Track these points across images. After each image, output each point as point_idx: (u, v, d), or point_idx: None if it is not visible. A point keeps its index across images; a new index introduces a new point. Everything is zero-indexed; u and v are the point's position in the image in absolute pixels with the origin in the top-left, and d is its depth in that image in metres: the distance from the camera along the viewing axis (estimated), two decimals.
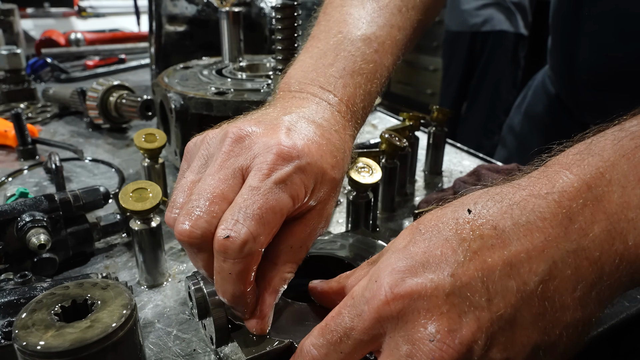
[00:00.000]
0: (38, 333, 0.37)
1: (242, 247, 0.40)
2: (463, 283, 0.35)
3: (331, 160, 0.48)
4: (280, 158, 0.44)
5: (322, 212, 0.48)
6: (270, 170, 0.43)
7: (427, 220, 0.39)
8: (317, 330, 0.40)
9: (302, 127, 0.48)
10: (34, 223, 0.62)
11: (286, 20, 0.81)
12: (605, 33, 0.93)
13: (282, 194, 0.43)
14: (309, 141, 0.46)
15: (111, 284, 0.43)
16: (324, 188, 0.47)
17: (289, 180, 0.43)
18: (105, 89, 1.13)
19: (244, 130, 0.46)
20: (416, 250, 0.37)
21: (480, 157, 1.07)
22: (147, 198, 0.60)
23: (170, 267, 0.68)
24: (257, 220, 0.41)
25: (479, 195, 0.39)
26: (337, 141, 0.51)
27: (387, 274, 0.37)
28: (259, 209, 0.41)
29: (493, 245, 0.35)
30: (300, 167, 0.44)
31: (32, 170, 0.97)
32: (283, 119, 0.48)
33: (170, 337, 0.55)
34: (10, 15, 1.74)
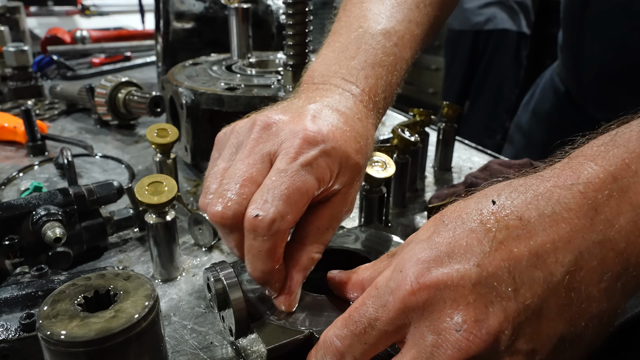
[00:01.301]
0: (62, 323, 0.37)
1: (271, 225, 0.43)
2: (489, 273, 0.35)
3: (355, 146, 0.50)
4: (306, 142, 0.46)
5: (347, 195, 0.51)
6: (297, 153, 0.46)
7: (450, 211, 0.39)
8: (340, 321, 0.40)
9: (326, 115, 0.50)
10: (49, 217, 0.62)
11: (297, 16, 0.81)
12: (617, 28, 0.93)
13: (308, 176, 0.45)
14: (334, 127, 0.49)
15: (133, 275, 0.43)
16: (348, 172, 0.50)
17: (315, 163, 0.46)
18: (114, 85, 1.14)
19: (272, 118, 0.49)
20: (441, 240, 0.37)
21: (489, 154, 1.07)
22: (162, 192, 0.60)
23: (184, 261, 0.68)
24: (284, 200, 0.44)
25: (502, 187, 0.39)
26: (360, 128, 0.52)
27: (413, 264, 0.37)
28: (286, 189, 0.44)
29: (519, 236, 0.35)
30: (326, 151, 0.47)
31: (43, 166, 0.98)
32: (308, 108, 0.51)
33: (187, 330, 0.56)
34: (16, 13, 1.74)
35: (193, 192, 0.88)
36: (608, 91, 1.01)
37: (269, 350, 0.44)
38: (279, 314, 0.48)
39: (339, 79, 0.57)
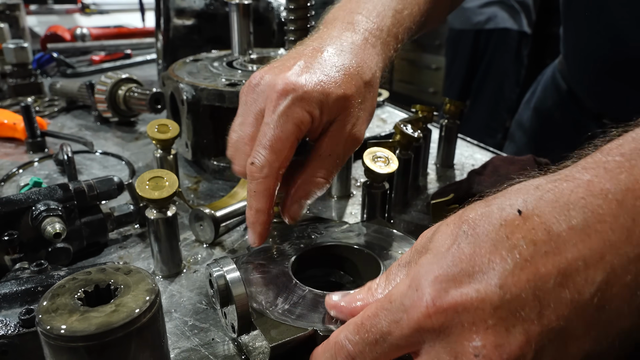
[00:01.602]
0: (62, 317, 0.37)
1: (261, 170, 0.52)
2: (512, 295, 0.32)
3: (336, 79, 0.55)
4: (281, 94, 0.52)
5: (344, 123, 0.56)
6: (274, 106, 0.52)
7: (471, 219, 0.36)
8: (353, 326, 0.39)
9: (307, 61, 0.55)
10: (48, 212, 0.61)
11: (299, 11, 0.81)
12: (616, 21, 0.92)
13: (287, 124, 0.52)
14: (310, 71, 0.54)
15: (133, 270, 0.42)
16: (335, 106, 0.54)
17: (290, 111, 0.52)
18: (114, 82, 1.13)
19: (257, 78, 0.56)
20: (460, 255, 0.35)
21: (492, 151, 1.06)
22: (163, 187, 0.59)
23: (185, 257, 0.67)
24: (269, 149, 0.52)
25: (527, 191, 0.35)
26: (348, 62, 0.56)
27: (429, 283, 0.35)
28: (269, 140, 0.52)
29: (547, 253, 0.32)
30: (298, 97, 0.52)
31: (42, 163, 0.97)
32: (292, 58, 0.56)
33: (188, 327, 0.55)
34: (16, 10, 1.73)
35: (194, 189, 0.88)
36: (609, 86, 1.01)
37: (272, 347, 0.43)
38: (283, 311, 0.48)
39: (348, 13, 0.62)
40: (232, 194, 0.81)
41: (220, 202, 0.78)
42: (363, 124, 0.58)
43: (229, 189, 0.85)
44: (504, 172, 0.73)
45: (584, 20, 1.01)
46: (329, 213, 0.81)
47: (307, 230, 0.62)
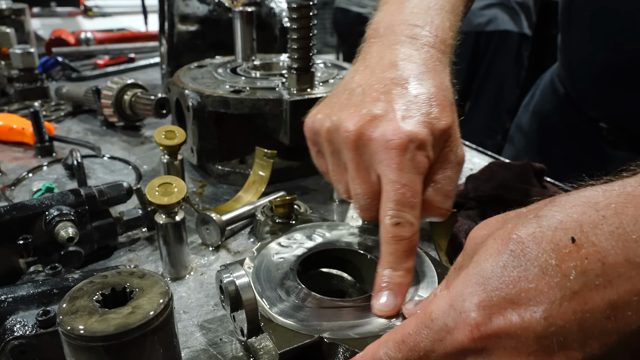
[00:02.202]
0: (82, 318, 0.39)
1: (411, 228, 0.50)
2: (557, 327, 0.32)
3: (435, 115, 0.53)
4: (399, 150, 0.51)
5: (450, 150, 0.55)
6: (399, 163, 0.51)
7: (521, 240, 0.34)
8: (392, 343, 0.39)
9: (401, 103, 0.53)
10: (61, 217, 0.63)
11: (302, 20, 0.83)
12: (611, 28, 0.94)
13: (416, 178, 0.51)
14: (414, 115, 0.53)
15: (147, 273, 0.44)
16: (441, 139, 0.54)
17: (414, 164, 0.51)
18: (120, 87, 1.15)
19: (357, 132, 0.53)
20: (506, 279, 0.34)
21: (490, 155, 1.09)
22: (172, 192, 0.62)
23: (192, 260, 0.69)
24: (413, 206, 0.51)
25: (584, 212, 0.33)
26: (436, 88, 0.55)
27: (474, 307, 0.34)
28: (410, 198, 0.50)
29: (597, 286, 0.31)
30: (418, 146, 0.51)
31: (51, 167, 0.99)
32: (382, 102, 0.54)
33: (196, 327, 0.57)
34: (21, 15, 1.76)
35: (199, 193, 0.90)
36: (606, 92, 1.03)
37: (280, 354, 0.45)
38: (289, 316, 0.50)
39: (403, 25, 0.59)
40: (236, 198, 0.83)
41: (226, 206, 0.81)
42: (460, 142, 0.58)
43: (233, 192, 0.87)
44: (501, 177, 0.75)
45: (583, 28, 1.03)
46: (331, 216, 0.83)
47: (312, 232, 0.64)
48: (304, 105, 0.85)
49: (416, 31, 0.59)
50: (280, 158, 0.94)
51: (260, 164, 0.84)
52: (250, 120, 0.91)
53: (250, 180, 0.84)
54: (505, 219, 0.40)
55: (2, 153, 1.07)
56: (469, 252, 0.40)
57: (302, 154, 0.98)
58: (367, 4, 3.58)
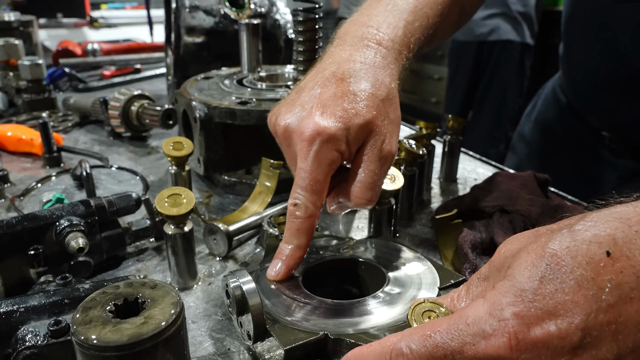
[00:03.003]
0: (96, 329, 0.40)
1: (305, 210, 0.57)
2: (592, 337, 0.33)
3: (356, 111, 0.58)
4: (308, 142, 0.56)
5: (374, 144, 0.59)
6: (306, 152, 0.56)
7: (556, 254, 0.35)
8: (418, 336, 0.38)
9: (324, 98, 0.58)
10: (72, 227, 0.64)
11: (308, 33, 0.84)
12: (613, 38, 0.95)
13: (320, 167, 0.56)
14: (332, 114, 0.57)
15: (159, 284, 0.45)
16: (359, 133, 0.58)
17: (320, 155, 0.56)
18: (127, 98, 1.17)
19: (285, 127, 0.59)
20: (543, 291, 0.35)
21: (494, 165, 1.09)
22: (181, 203, 0.62)
23: (199, 270, 0.70)
24: (309, 190, 0.56)
25: (617, 227, 0.34)
26: (364, 85, 0.59)
27: (512, 316, 0.35)
28: (307, 183, 0.56)
29: (632, 299, 0.32)
30: (325, 140, 0.56)
31: (59, 177, 1.00)
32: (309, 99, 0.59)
33: (205, 337, 0.58)
34: (29, 27, 1.78)
35: (206, 203, 0.91)
36: (608, 101, 1.04)
37: (286, 350, 0.46)
38: (295, 319, 0.50)
39: (359, 26, 0.65)
40: (243, 209, 0.84)
41: (232, 216, 0.82)
42: (392, 137, 0.61)
43: (239, 203, 0.88)
44: (505, 188, 0.76)
45: (585, 39, 1.04)
46: (337, 227, 0.84)
47: (316, 245, 0.65)
48: None
49: (368, 31, 0.65)
50: (286, 168, 0.94)
51: (266, 175, 0.85)
52: (256, 131, 0.92)
53: (257, 190, 0.85)
54: (537, 235, 0.41)
55: (11, 163, 1.08)
56: (496, 264, 0.41)
57: None
58: None
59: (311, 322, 0.50)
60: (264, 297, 0.54)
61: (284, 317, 0.51)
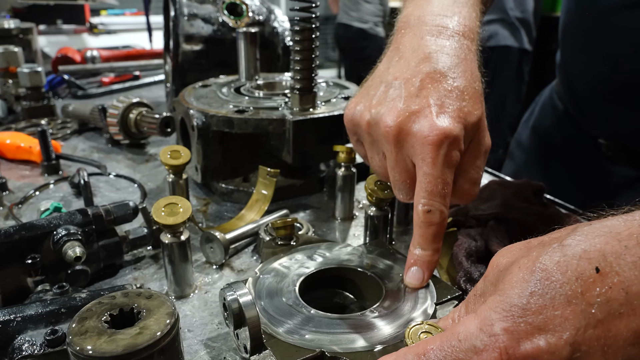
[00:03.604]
0: (92, 339, 0.40)
1: (440, 216, 0.55)
2: (582, 352, 0.33)
3: (470, 107, 0.57)
4: (436, 146, 0.54)
5: (480, 139, 0.60)
6: (434, 157, 0.55)
7: (546, 268, 0.36)
8: (412, 354, 0.39)
9: (437, 97, 0.57)
10: (69, 236, 0.65)
11: (305, 42, 0.85)
12: (609, 46, 0.96)
13: (449, 171, 0.56)
14: (450, 110, 0.56)
15: (154, 294, 0.46)
16: (472, 130, 0.58)
17: (448, 159, 0.55)
18: (126, 106, 1.17)
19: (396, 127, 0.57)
20: (533, 306, 0.35)
21: (491, 172, 1.10)
22: (178, 213, 0.63)
23: (196, 278, 0.70)
24: (443, 196, 0.55)
25: (607, 242, 0.35)
26: (467, 81, 0.59)
27: (502, 332, 0.35)
28: (441, 189, 0.55)
29: (621, 314, 0.33)
30: (452, 142, 0.55)
31: (57, 185, 1.01)
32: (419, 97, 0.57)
33: (201, 346, 0.58)
34: (29, 34, 1.79)
35: (203, 211, 0.91)
36: (605, 109, 1.04)
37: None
38: (291, 332, 0.51)
39: (434, 16, 0.63)
40: (240, 216, 0.84)
41: (229, 224, 0.82)
42: (487, 131, 0.61)
43: (237, 210, 0.88)
44: (500, 196, 0.76)
45: (581, 46, 1.05)
46: (333, 234, 0.84)
47: (313, 252, 0.65)
48: (307, 125, 0.88)
49: (446, 21, 0.63)
50: (283, 176, 0.95)
51: (263, 183, 0.85)
52: (254, 139, 0.93)
53: (254, 198, 0.86)
54: (529, 247, 0.41)
55: (9, 171, 1.09)
56: (491, 278, 0.41)
57: (305, 172, 1.00)
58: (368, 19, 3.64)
59: (308, 336, 0.50)
60: (260, 309, 0.54)
61: (281, 329, 0.51)
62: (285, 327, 0.51)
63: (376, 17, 3.78)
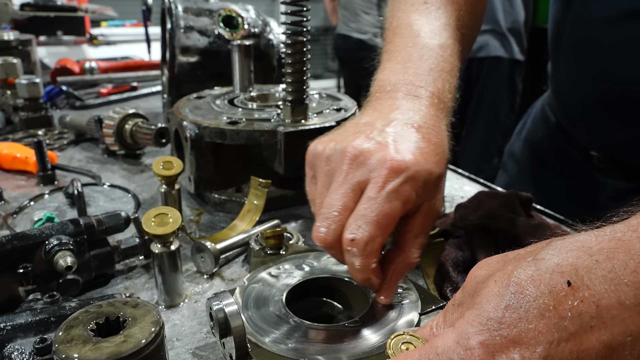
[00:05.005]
0: (77, 347, 0.41)
1: (365, 246, 0.51)
2: None
3: (435, 159, 0.56)
4: (392, 172, 0.53)
5: (435, 202, 0.58)
6: (384, 183, 0.52)
7: (520, 282, 0.37)
8: None
9: (406, 137, 0.56)
10: (60, 246, 0.66)
11: (296, 55, 0.87)
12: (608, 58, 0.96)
13: (395, 202, 0.52)
14: (415, 150, 0.55)
15: (140, 303, 0.46)
16: (432, 185, 0.56)
17: (400, 190, 0.52)
18: (122, 117, 1.19)
19: (358, 149, 0.56)
20: (507, 320, 0.36)
21: (481, 183, 1.11)
22: (167, 223, 0.64)
23: (186, 288, 0.71)
24: (374, 225, 0.51)
25: (579, 256, 0.36)
26: (436, 139, 0.58)
27: (478, 346, 0.36)
28: (376, 216, 0.51)
29: (592, 327, 0.33)
30: (409, 177, 0.53)
31: (52, 195, 1.02)
32: (387, 132, 0.57)
33: (189, 355, 0.59)
34: (28, 45, 1.82)
35: (196, 221, 0.92)
36: (596, 120, 1.05)
37: None
38: (277, 342, 0.51)
39: (408, 85, 0.64)
40: (231, 227, 0.85)
41: (220, 234, 0.83)
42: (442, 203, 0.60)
43: (229, 220, 0.89)
44: (488, 207, 0.77)
45: (572, 58, 1.06)
46: None
47: (301, 262, 0.66)
48: (298, 136, 0.89)
49: (419, 91, 0.64)
50: (275, 187, 0.96)
51: (255, 193, 0.86)
52: (246, 150, 0.94)
53: (246, 208, 0.87)
54: (505, 260, 0.42)
55: (5, 181, 1.10)
56: (468, 290, 0.42)
57: (297, 182, 1.01)
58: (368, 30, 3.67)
59: (292, 346, 0.51)
60: (246, 319, 0.54)
61: (266, 339, 0.52)
62: (271, 337, 0.52)
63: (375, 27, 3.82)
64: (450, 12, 0.75)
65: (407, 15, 0.74)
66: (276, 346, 0.51)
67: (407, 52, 0.69)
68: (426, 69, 0.66)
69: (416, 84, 0.64)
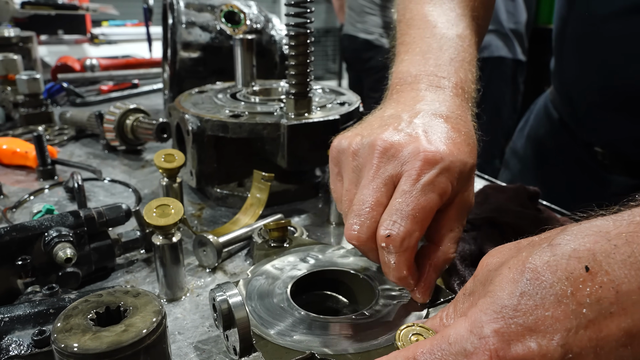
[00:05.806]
0: (76, 336, 0.40)
1: (402, 242, 0.49)
2: (574, 354, 0.32)
3: (467, 149, 0.55)
4: (426, 163, 0.51)
5: (468, 193, 0.56)
6: (418, 175, 0.50)
7: (536, 268, 0.35)
8: (402, 358, 0.38)
9: (436, 128, 0.55)
10: (60, 238, 0.64)
11: (300, 47, 0.85)
12: (603, 54, 0.96)
13: (431, 194, 0.50)
14: (447, 140, 0.53)
15: (142, 292, 0.45)
16: (466, 175, 0.54)
17: (436, 181, 0.50)
18: (122, 112, 1.18)
19: (388, 142, 0.53)
20: (523, 307, 0.34)
21: (486, 179, 1.10)
22: (169, 214, 0.63)
23: (188, 282, 0.70)
24: (411, 219, 0.49)
25: (597, 241, 0.34)
26: (465, 129, 0.57)
27: (492, 334, 0.35)
28: (412, 209, 0.49)
29: (612, 314, 0.32)
30: (444, 168, 0.51)
31: (52, 190, 1.01)
32: (416, 124, 0.55)
33: (191, 348, 0.57)
34: (28, 42, 1.81)
35: (198, 215, 0.91)
36: (600, 116, 1.04)
37: None
38: (282, 334, 0.50)
39: (430, 76, 0.62)
40: (234, 221, 0.84)
41: (223, 228, 0.82)
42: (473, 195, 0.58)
43: (231, 215, 0.88)
44: (495, 201, 0.76)
45: (575, 54, 1.05)
46: (328, 239, 0.84)
47: (306, 254, 0.65)
48: (301, 129, 0.88)
49: (442, 82, 0.62)
50: (278, 181, 0.95)
51: (257, 187, 0.85)
52: (248, 144, 0.93)
53: (248, 203, 0.86)
54: (519, 247, 0.41)
55: (5, 176, 1.09)
56: (480, 278, 0.41)
57: (300, 177, 0.99)
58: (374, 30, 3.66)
59: (298, 337, 0.49)
60: (250, 311, 0.53)
61: (271, 331, 0.50)
62: (275, 329, 0.51)
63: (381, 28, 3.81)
64: (465, 2, 0.74)
65: (420, 6, 0.73)
66: (281, 338, 0.49)
67: (425, 43, 0.67)
68: (447, 60, 0.64)
69: (438, 74, 0.62)
